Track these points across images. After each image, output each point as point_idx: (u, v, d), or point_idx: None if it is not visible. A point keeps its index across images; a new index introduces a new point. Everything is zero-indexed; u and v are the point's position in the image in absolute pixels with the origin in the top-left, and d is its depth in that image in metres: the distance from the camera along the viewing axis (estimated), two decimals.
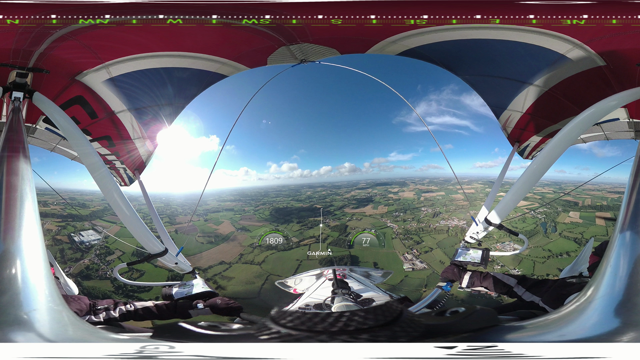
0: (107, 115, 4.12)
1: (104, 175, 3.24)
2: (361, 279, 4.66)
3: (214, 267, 11.17)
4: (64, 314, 1.44)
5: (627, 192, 1.87)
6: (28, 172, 1.90)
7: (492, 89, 4.38)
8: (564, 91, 3.81)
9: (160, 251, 3.65)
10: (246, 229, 13.27)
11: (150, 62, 3.60)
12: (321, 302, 3.46)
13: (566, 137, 3.12)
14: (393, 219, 14.00)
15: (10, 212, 1.61)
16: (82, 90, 3.70)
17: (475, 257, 3.68)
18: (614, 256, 1.61)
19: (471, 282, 3.51)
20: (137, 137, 4.56)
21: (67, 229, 8.66)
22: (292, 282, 5.22)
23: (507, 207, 3.58)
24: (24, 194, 1.73)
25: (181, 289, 3.44)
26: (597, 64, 3.34)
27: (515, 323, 1.50)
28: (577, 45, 3.21)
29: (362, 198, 15.61)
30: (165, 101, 4.27)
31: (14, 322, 1.31)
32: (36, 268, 1.51)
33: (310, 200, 15.82)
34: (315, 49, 3.67)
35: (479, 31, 3.26)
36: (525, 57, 3.57)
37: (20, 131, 2.31)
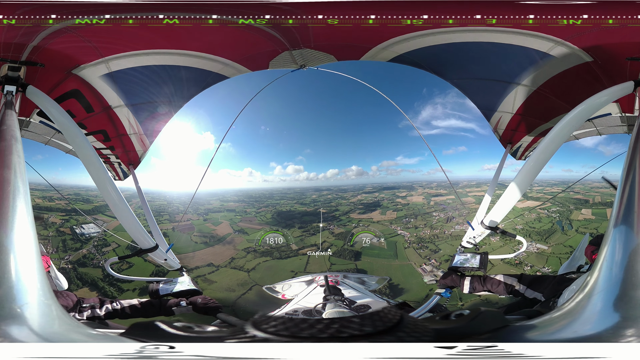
0: (104, 110, 4.19)
1: (99, 168, 3.31)
2: (356, 285, 4.61)
3: (201, 268, 10.96)
4: (53, 308, 1.45)
5: (620, 187, 1.88)
6: (21, 165, 1.91)
7: (480, 91, 4.44)
8: (553, 89, 3.86)
9: (151, 246, 3.78)
10: (244, 231, 13.16)
11: (152, 59, 3.65)
12: (311, 309, 3.39)
13: (558, 135, 3.15)
14: (403, 225, 13.40)
15: (3, 206, 1.62)
16: (78, 84, 3.76)
17: (474, 262, 3.68)
18: (609, 251, 1.63)
19: (472, 287, 3.50)
20: (133, 132, 4.64)
21: (69, 222, 9.57)
22: (281, 288, 5.19)
23: (503, 209, 3.59)
24: (16, 188, 1.73)
25: (167, 285, 3.50)
26: (584, 60, 3.39)
27: (520, 323, 1.50)
28: (559, 43, 3.26)
29: (369, 203, 15.38)
30: (164, 99, 4.33)
31: (9, 316, 1.34)
32: (29, 261, 1.53)
33: (315, 204, 15.60)
34: (314, 54, 3.76)
35: (461, 34, 3.33)
36: (510, 57, 3.64)
37: (12, 125, 2.32)
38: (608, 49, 3.23)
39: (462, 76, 4.30)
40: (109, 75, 3.74)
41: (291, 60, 3.91)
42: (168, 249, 4.25)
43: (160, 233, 4.51)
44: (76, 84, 3.75)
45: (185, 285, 3.50)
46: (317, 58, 3.86)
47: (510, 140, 4.85)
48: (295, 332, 1.17)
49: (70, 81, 3.69)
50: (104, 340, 1.36)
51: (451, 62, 3.99)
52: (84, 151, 3.28)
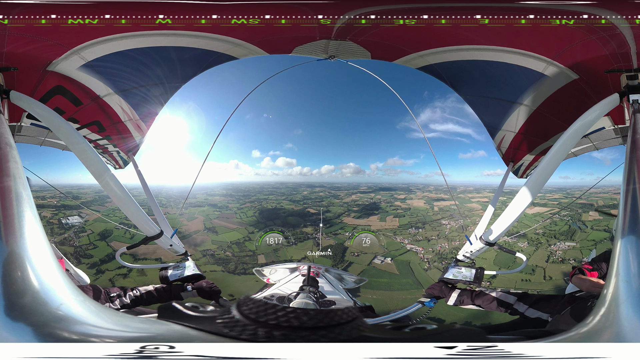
0: (93, 100, 4.23)
1: (95, 161, 3.39)
2: (333, 281, 4.81)
3: (148, 260, 10.41)
4: (89, 303, 1.51)
5: (622, 198, 2.00)
6: (19, 171, 1.97)
7: (488, 109, 4.74)
8: (550, 108, 4.16)
9: (156, 233, 3.89)
10: (215, 230, 12.92)
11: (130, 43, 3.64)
12: (285, 296, 3.72)
13: (557, 154, 3.33)
14: (411, 237, 12.16)
15: (8, 214, 1.67)
16: (59, 80, 3.82)
17: (468, 276, 3.74)
18: (623, 263, 1.73)
19: (459, 300, 3.54)
20: (127, 119, 4.70)
21: (58, 215, 11.84)
22: (268, 272, 5.45)
23: (504, 226, 3.70)
24: (18, 195, 1.79)
25: (175, 270, 3.86)
26: (572, 78, 3.67)
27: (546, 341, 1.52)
28: (549, 63, 3.58)
29: (365, 204, 15.06)
30: (156, 81, 4.37)
31: (52, 320, 1.38)
32: (46, 264, 1.58)
33: (305, 201, 15.33)
34: (352, 48, 3.89)
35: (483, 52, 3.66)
36: (513, 78, 3.95)
37: (4, 132, 2.37)
38: (588, 65, 3.49)
39: (475, 93, 4.58)
40: (87, 65, 3.78)
41: (322, 50, 4.00)
42: (173, 234, 4.33)
43: (165, 218, 4.59)
44: (56, 80, 3.81)
45: (191, 270, 3.86)
46: (353, 52, 3.99)
47: (513, 159, 5.11)
48: (258, 317, 1.25)
49: (49, 79, 3.76)
50: (152, 324, 1.40)
51: (468, 78, 4.28)
52: (78, 146, 3.36)
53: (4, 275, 1.48)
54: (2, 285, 1.44)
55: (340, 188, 16.20)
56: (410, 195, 15.38)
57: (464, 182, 15.17)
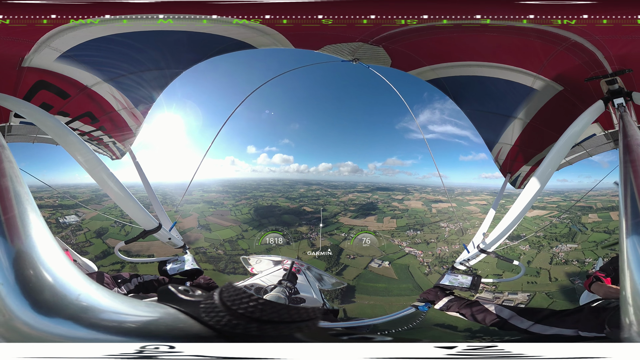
0: (81, 91, 4.15)
1: (87, 156, 3.37)
2: (312, 279, 4.86)
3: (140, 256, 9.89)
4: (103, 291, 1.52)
5: (622, 200, 2.01)
6: (14, 171, 1.97)
7: (486, 123, 4.97)
8: (542, 120, 4.37)
9: (155, 227, 3.94)
10: (208, 227, 12.87)
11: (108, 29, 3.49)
12: (262, 287, 3.73)
13: (550, 164, 3.45)
14: (410, 239, 11.88)
15: (9, 215, 1.68)
16: (39, 75, 3.74)
17: (464, 283, 3.75)
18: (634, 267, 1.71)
19: (447, 306, 3.51)
20: (122, 107, 4.63)
21: (55, 215, 12.18)
22: (254, 261, 5.55)
23: (501, 235, 3.79)
24: (17, 193, 1.80)
25: (174, 264, 3.97)
26: (558, 90, 3.86)
27: None
28: (535, 77, 3.77)
29: (361, 204, 15.02)
30: (151, 67, 4.25)
31: (78, 311, 1.38)
32: (56, 259, 1.58)
33: (302, 199, 15.25)
34: (379, 54, 3.93)
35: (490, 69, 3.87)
36: (507, 93, 4.15)
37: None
38: (568, 75, 3.66)
39: (475, 108, 4.78)
40: (65, 56, 3.66)
41: (351, 51, 4.01)
42: (171, 227, 4.36)
43: (164, 211, 4.61)
44: (37, 76, 3.73)
45: (189, 264, 3.98)
46: (377, 58, 4.03)
47: (510, 170, 5.30)
48: (233, 304, 1.25)
49: (28, 75, 3.67)
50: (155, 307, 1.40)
51: (470, 93, 4.49)
52: (66, 138, 3.32)
53: (17, 275, 1.47)
54: (20, 286, 1.44)
55: (338, 186, 16.18)
56: (408, 196, 15.42)
57: (462, 184, 15.23)
